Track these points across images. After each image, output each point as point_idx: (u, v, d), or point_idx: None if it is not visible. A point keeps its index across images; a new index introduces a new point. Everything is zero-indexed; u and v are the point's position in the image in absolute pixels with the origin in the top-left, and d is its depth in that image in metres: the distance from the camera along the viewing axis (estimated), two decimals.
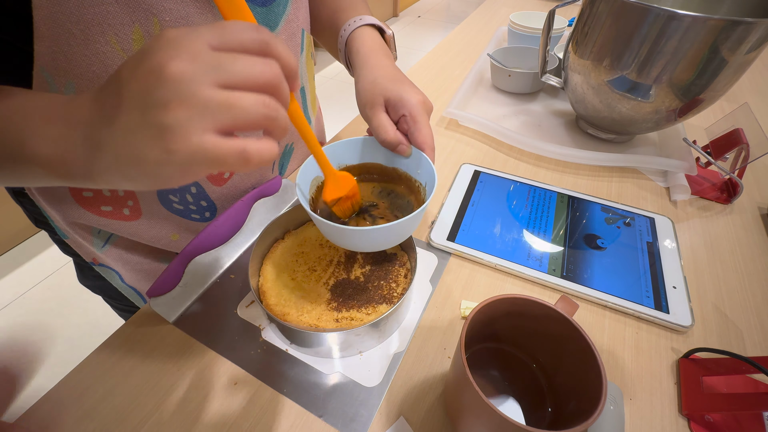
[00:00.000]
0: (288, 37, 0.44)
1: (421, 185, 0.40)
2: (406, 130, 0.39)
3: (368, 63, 0.43)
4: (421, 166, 0.39)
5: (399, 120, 0.39)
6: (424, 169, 0.38)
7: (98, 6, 0.29)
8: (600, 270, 0.44)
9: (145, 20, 0.32)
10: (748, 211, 0.53)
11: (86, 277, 0.53)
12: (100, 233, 0.47)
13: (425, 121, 0.38)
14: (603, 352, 0.38)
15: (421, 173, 0.39)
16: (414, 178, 0.41)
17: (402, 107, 0.38)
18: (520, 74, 0.72)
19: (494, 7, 1.18)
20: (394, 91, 0.39)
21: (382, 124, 0.38)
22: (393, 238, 0.36)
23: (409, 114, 0.38)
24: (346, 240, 0.35)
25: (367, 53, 0.44)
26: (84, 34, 0.30)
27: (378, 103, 0.39)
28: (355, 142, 0.41)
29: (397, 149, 0.38)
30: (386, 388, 0.35)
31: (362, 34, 0.46)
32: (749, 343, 0.39)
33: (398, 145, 0.38)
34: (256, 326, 0.40)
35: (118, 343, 0.39)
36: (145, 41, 0.33)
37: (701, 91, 0.49)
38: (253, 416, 0.34)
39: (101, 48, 0.31)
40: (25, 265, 1.45)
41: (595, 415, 0.24)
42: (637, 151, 0.62)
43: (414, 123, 0.38)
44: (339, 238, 0.35)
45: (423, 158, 0.38)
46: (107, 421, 0.33)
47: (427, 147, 0.38)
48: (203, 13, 0.35)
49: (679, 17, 0.43)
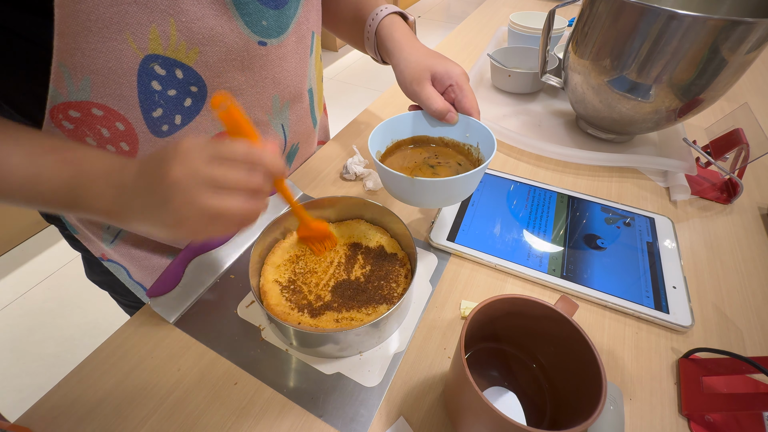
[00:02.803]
0: (298, 39, 0.45)
1: (472, 146, 0.44)
2: (452, 99, 0.43)
3: (405, 46, 0.47)
4: (470, 129, 0.44)
5: (445, 91, 0.44)
6: (475, 130, 0.43)
7: (117, 5, 0.30)
8: (600, 270, 0.44)
9: (161, 20, 0.33)
10: (748, 211, 0.53)
11: (94, 272, 0.54)
12: (110, 229, 0.48)
13: (469, 88, 0.43)
14: (603, 352, 0.38)
15: (471, 135, 0.44)
16: (463, 142, 0.45)
17: (449, 78, 0.43)
18: (520, 74, 0.72)
19: (494, 7, 1.18)
20: (439, 65, 0.43)
21: (431, 95, 0.43)
22: (460, 190, 0.39)
23: (456, 83, 0.42)
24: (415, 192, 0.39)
25: (401, 38, 0.48)
26: (101, 32, 0.31)
27: (425, 78, 0.43)
28: (403, 117, 0.45)
29: (446, 117, 0.43)
30: (386, 388, 0.35)
31: (392, 21, 0.50)
32: (749, 343, 0.39)
33: (447, 112, 0.43)
34: (256, 326, 0.40)
35: (118, 343, 0.39)
36: (161, 42, 0.34)
37: (701, 91, 0.49)
38: (253, 416, 0.34)
39: (118, 46, 0.32)
40: (26, 264, 1.45)
41: (595, 415, 0.24)
42: (637, 151, 0.62)
43: (461, 91, 0.42)
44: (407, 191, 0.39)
45: (471, 121, 0.43)
46: (107, 421, 0.33)
47: (474, 111, 0.43)
48: (219, 15, 0.35)
49: (679, 17, 0.43)
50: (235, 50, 0.38)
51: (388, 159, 0.46)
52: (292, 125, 0.53)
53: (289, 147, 0.55)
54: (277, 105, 0.47)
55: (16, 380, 1.15)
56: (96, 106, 0.35)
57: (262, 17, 0.38)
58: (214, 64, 0.38)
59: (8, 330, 1.26)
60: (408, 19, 0.53)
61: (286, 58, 0.44)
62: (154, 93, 0.36)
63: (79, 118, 0.35)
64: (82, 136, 0.37)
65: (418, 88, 0.43)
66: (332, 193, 0.55)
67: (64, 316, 1.30)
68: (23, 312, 1.32)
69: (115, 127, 0.37)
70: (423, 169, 0.44)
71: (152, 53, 0.34)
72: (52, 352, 1.21)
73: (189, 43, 0.35)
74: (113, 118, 0.36)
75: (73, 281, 1.40)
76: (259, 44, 0.39)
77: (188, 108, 0.39)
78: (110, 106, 0.35)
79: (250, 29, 0.38)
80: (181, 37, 0.34)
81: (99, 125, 0.36)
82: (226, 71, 0.39)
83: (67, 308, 1.32)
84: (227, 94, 0.26)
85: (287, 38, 0.42)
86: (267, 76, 0.43)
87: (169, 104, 0.38)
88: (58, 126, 0.36)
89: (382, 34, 0.50)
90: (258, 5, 0.37)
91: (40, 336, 1.25)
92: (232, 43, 0.37)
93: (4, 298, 1.35)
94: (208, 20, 0.35)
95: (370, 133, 0.42)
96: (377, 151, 0.44)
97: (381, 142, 0.44)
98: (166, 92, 0.37)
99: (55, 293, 1.37)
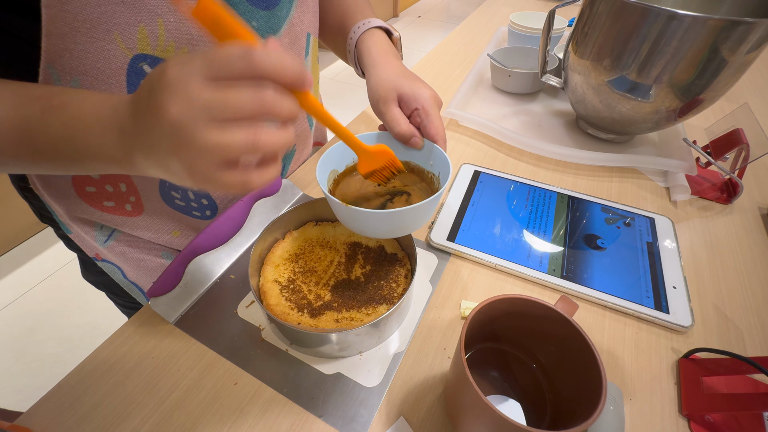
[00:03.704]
0: (291, 41, 0.44)
1: (435, 175, 0.41)
2: (418, 123, 0.41)
3: (379, 62, 0.46)
4: (434, 157, 0.40)
5: (411, 114, 0.41)
6: (437, 159, 0.40)
7: (104, 6, 0.30)
8: (600, 270, 0.44)
9: (149, 20, 0.33)
10: (749, 211, 0.53)
11: (89, 272, 0.54)
12: (103, 228, 0.47)
13: (437, 114, 0.41)
14: (603, 353, 0.38)
15: (434, 164, 0.41)
16: (426, 169, 0.42)
17: (415, 101, 0.40)
18: (520, 74, 0.72)
19: (494, 7, 1.18)
20: (407, 87, 0.41)
21: (395, 117, 0.40)
22: (409, 222, 0.37)
23: (422, 107, 0.40)
24: (361, 223, 0.36)
25: (378, 54, 0.47)
26: (90, 33, 0.31)
27: (391, 98, 0.41)
28: (368, 137, 0.42)
29: (410, 142, 0.40)
30: (386, 388, 0.35)
31: (371, 36, 0.49)
32: (749, 343, 0.39)
33: (411, 137, 0.40)
34: (256, 326, 0.40)
35: (118, 343, 0.39)
36: (150, 41, 0.33)
37: (701, 91, 0.49)
38: (253, 416, 0.34)
39: (106, 46, 0.32)
40: (26, 264, 1.45)
41: (595, 415, 0.24)
42: (637, 151, 0.62)
43: (426, 116, 0.40)
44: (355, 222, 0.36)
45: (435, 149, 0.40)
46: (107, 421, 0.33)
47: (439, 138, 0.40)
48: None
49: (680, 17, 0.43)
50: None
51: (346, 180, 0.43)
52: None
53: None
54: None
55: (16, 380, 1.15)
56: None
57: (251, 18, 0.38)
58: None
59: (8, 330, 1.26)
60: (392, 35, 0.51)
61: None
62: None
63: None
64: None
65: (384, 109, 0.41)
66: None
67: (64, 316, 1.30)
68: (23, 312, 1.32)
69: None
70: (382, 195, 0.41)
71: (141, 53, 0.34)
72: (52, 352, 1.21)
73: (177, 43, 0.35)
74: None
75: (73, 281, 1.40)
76: None
77: None
78: None
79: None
80: (170, 37, 0.34)
81: None
82: None
83: (67, 308, 1.32)
84: None
85: (279, 39, 0.42)
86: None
87: None
88: None
89: (360, 48, 0.49)
90: (248, 6, 0.37)
91: (40, 336, 1.25)
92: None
93: (4, 298, 1.35)
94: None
95: (326, 150, 0.39)
96: (333, 170, 0.41)
97: (340, 161, 0.41)
98: None
99: (54, 293, 1.37)
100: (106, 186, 0.43)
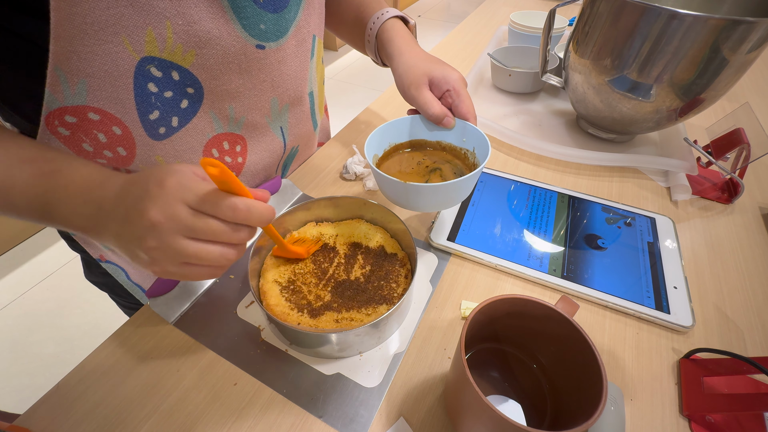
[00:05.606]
0: (298, 43, 0.45)
1: (469, 151, 0.44)
2: (449, 104, 0.44)
3: (405, 51, 0.48)
4: (467, 133, 0.43)
5: (442, 96, 0.44)
6: (471, 135, 0.43)
7: (113, 8, 0.30)
8: (600, 270, 0.44)
9: (157, 23, 0.33)
10: (749, 211, 0.53)
11: (93, 273, 0.54)
12: None
13: (466, 93, 0.43)
14: (603, 353, 0.38)
15: (467, 140, 0.44)
16: (459, 147, 0.45)
17: (446, 83, 0.43)
18: (520, 74, 0.72)
19: (494, 6, 1.18)
20: (437, 71, 0.44)
21: (428, 100, 0.43)
22: (459, 193, 0.39)
23: (453, 88, 0.43)
24: (416, 198, 0.39)
25: (401, 42, 0.49)
26: (97, 35, 0.31)
27: (423, 82, 0.44)
28: (401, 121, 0.45)
29: (443, 122, 0.43)
30: (386, 388, 0.35)
31: (392, 25, 0.51)
32: (750, 343, 0.39)
33: (444, 117, 0.43)
34: (255, 326, 0.40)
35: (118, 343, 0.38)
36: (157, 44, 0.34)
37: (702, 91, 0.48)
38: (253, 416, 0.34)
39: (114, 48, 0.32)
40: (25, 264, 1.45)
41: (596, 415, 0.23)
42: (637, 151, 0.62)
43: (458, 96, 0.43)
44: (410, 196, 0.39)
45: (468, 126, 0.43)
46: (107, 421, 0.33)
47: (470, 116, 0.43)
48: (215, 18, 0.35)
49: (680, 17, 0.43)
50: (232, 53, 0.38)
51: (386, 162, 0.46)
52: (291, 128, 0.53)
53: (289, 150, 0.55)
54: (275, 108, 0.47)
55: (15, 380, 1.15)
56: (92, 110, 0.35)
57: (260, 21, 0.38)
58: (210, 67, 0.37)
59: (8, 330, 1.26)
60: (408, 23, 0.53)
61: (286, 62, 0.44)
62: (151, 95, 0.36)
63: (76, 123, 0.35)
64: (78, 142, 0.37)
65: (416, 93, 0.44)
66: (332, 193, 0.55)
67: (64, 317, 1.30)
68: (23, 312, 1.32)
69: (112, 131, 0.37)
70: (420, 172, 0.44)
71: (148, 55, 0.34)
72: (52, 352, 1.21)
73: (185, 46, 0.35)
74: (110, 123, 0.36)
75: (73, 281, 1.40)
76: (257, 48, 0.39)
77: (185, 110, 0.39)
78: (106, 109, 0.35)
79: (247, 33, 0.38)
80: (178, 40, 0.34)
81: (95, 130, 0.36)
82: (222, 74, 0.39)
83: (67, 308, 1.32)
84: (217, 162, 0.25)
85: (287, 42, 0.42)
86: (265, 80, 0.43)
87: (165, 106, 0.38)
88: (54, 133, 0.35)
89: (382, 38, 0.51)
90: (256, 9, 0.37)
91: (40, 336, 1.25)
92: (229, 47, 0.37)
93: (4, 298, 1.35)
94: (205, 23, 0.35)
95: (368, 137, 0.42)
96: (374, 155, 0.44)
97: (378, 146, 0.44)
98: (162, 94, 0.37)
99: (54, 293, 1.37)
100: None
